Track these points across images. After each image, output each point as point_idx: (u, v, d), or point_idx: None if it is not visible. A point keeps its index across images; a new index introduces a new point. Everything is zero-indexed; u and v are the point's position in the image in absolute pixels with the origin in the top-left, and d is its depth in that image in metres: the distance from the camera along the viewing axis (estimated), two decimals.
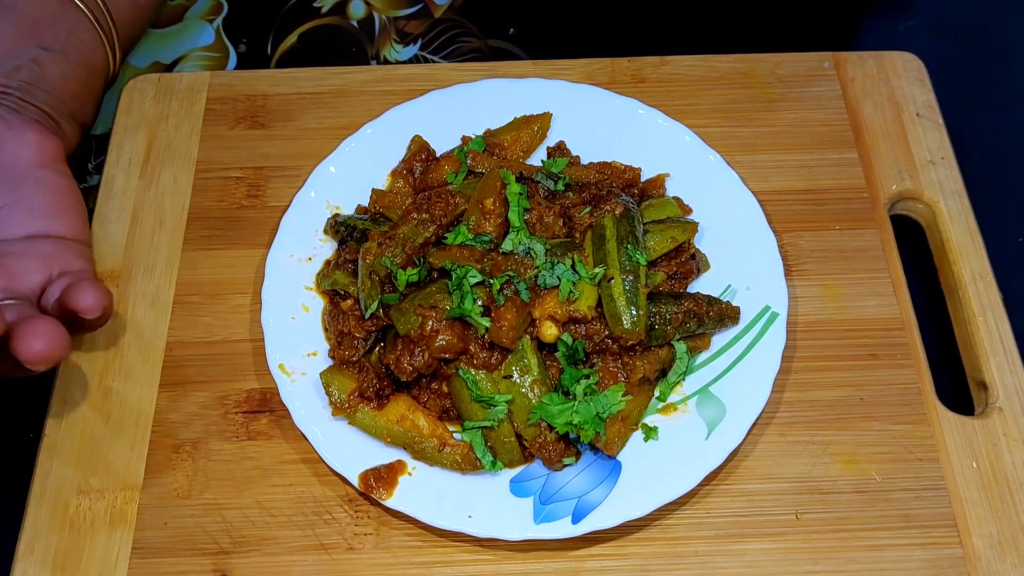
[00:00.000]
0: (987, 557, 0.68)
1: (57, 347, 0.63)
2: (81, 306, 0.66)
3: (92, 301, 0.66)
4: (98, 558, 0.68)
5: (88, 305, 0.66)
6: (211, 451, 0.72)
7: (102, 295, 0.67)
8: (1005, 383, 0.74)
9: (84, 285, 0.67)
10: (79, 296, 0.66)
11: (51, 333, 0.63)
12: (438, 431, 0.69)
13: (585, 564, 0.68)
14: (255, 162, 0.84)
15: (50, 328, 0.63)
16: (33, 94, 0.74)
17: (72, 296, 0.66)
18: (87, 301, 0.66)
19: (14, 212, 0.71)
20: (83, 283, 0.67)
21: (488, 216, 0.72)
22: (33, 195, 0.71)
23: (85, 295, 0.66)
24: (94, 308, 0.66)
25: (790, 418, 0.73)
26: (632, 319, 0.69)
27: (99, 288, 0.67)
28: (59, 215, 0.72)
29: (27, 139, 0.72)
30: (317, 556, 0.68)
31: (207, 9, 1.00)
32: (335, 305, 0.74)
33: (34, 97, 0.74)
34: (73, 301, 0.66)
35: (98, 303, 0.67)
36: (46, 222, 0.71)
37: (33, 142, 0.72)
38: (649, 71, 0.89)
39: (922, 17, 1.02)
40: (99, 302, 0.67)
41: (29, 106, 0.74)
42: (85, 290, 0.66)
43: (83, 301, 0.66)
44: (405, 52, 0.98)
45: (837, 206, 0.82)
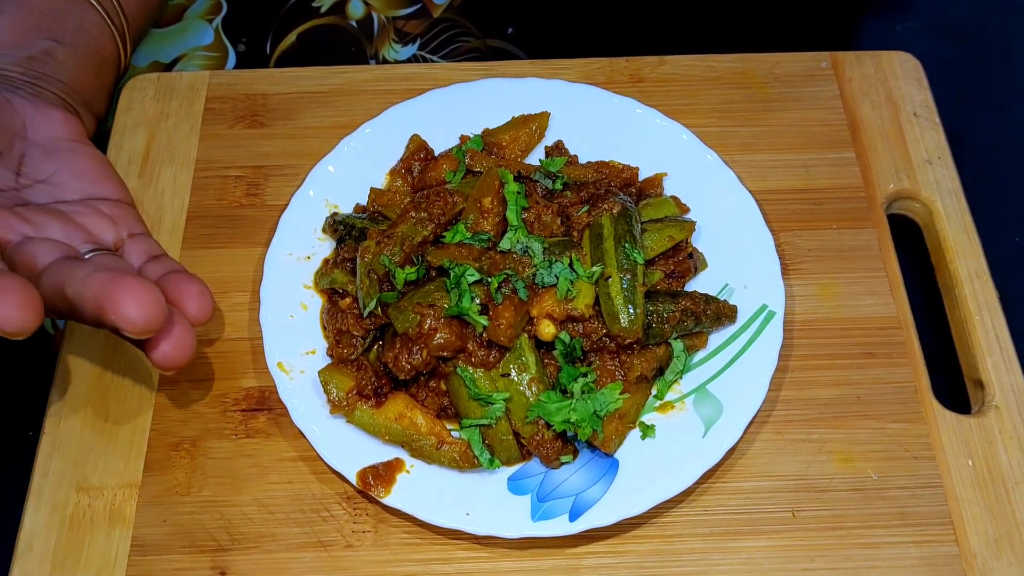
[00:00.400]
0: (983, 555, 0.68)
1: (209, 312, 0.62)
2: (191, 312, 0.63)
3: (198, 310, 0.63)
4: (97, 555, 0.68)
5: (195, 315, 0.63)
6: (210, 449, 0.72)
7: (209, 302, 0.64)
8: (1001, 382, 0.74)
9: (193, 289, 0.64)
10: (187, 300, 0.63)
11: (204, 296, 0.62)
12: (436, 429, 0.69)
13: (582, 562, 0.68)
14: (254, 161, 0.85)
15: (202, 289, 0.62)
16: (49, 83, 0.75)
17: (179, 297, 0.63)
18: (194, 310, 0.63)
19: (64, 178, 0.70)
20: (192, 284, 0.64)
21: (486, 215, 0.73)
22: (76, 163, 0.71)
23: (192, 301, 0.63)
24: (201, 317, 0.64)
25: (787, 416, 0.73)
26: (629, 317, 0.69)
27: (206, 294, 0.64)
28: (106, 180, 0.72)
29: (54, 117, 0.72)
30: (315, 553, 0.68)
31: (206, 9, 1.00)
32: (333, 303, 0.74)
33: (51, 86, 0.75)
34: (182, 304, 0.63)
35: (206, 312, 0.64)
36: (97, 186, 0.71)
37: (61, 120, 0.73)
38: (647, 71, 0.89)
39: (920, 17, 1.02)
40: (207, 310, 0.64)
41: (47, 92, 0.74)
42: (194, 296, 0.63)
43: (191, 308, 0.63)
44: (404, 52, 0.98)
45: (834, 205, 0.82)
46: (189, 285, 0.64)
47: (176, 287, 0.64)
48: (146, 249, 0.69)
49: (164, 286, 0.64)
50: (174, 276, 0.65)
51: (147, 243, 0.70)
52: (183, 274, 0.66)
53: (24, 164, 0.69)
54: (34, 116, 0.71)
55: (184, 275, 0.65)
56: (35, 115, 0.71)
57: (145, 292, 0.58)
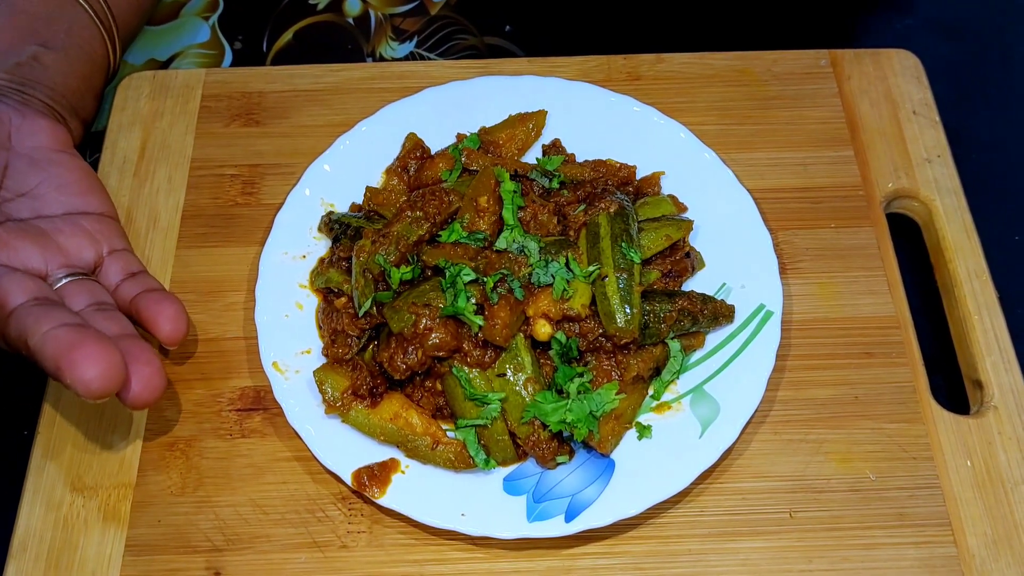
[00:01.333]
0: (981, 556, 0.68)
1: (156, 393, 0.62)
2: (162, 336, 0.65)
3: (170, 332, 0.65)
4: (91, 556, 0.68)
5: (167, 336, 0.66)
6: (205, 449, 0.71)
7: (182, 324, 0.66)
8: (1000, 382, 0.74)
9: (166, 311, 0.66)
10: (161, 322, 0.65)
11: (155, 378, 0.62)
12: (431, 429, 0.69)
13: (578, 563, 0.67)
14: (250, 160, 0.84)
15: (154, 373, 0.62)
16: (36, 90, 0.74)
17: (153, 319, 0.65)
18: (166, 331, 0.65)
19: (47, 191, 0.70)
20: (165, 306, 0.66)
21: (482, 214, 0.72)
22: (61, 175, 0.71)
23: (165, 323, 0.65)
24: (174, 339, 0.66)
25: (784, 416, 0.73)
26: (626, 317, 0.69)
27: (180, 316, 0.66)
28: (89, 193, 0.72)
29: (41, 126, 0.73)
30: (310, 554, 0.68)
31: (203, 6, 1.00)
32: (329, 303, 0.74)
33: (37, 92, 0.74)
34: (154, 326, 0.65)
35: (178, 334, 0.66)
36: (80, 199, 0.71)
37: (47, 129, 0.73)
38: (645, 69, 0.89)
39: (919, 15, 1.02)
40: (179, 332, 0.66)
41: (34, 100, 0.74)
42: (166, 318, 0.65)
43: (164, 330, 0.65)
44: (401, 49, 0.98)
45: (833, 204, 0.82)
46: (163, 307, 0.66)
47: (151, 309, 0.66)
48: (125, 266, 0.70)
49: (139, 306, 0.66)
50: (150, 296, 0.66)
51: (127, 259, 0.70)
52: (159, 293, 0.67)
53: (7, 176, 0.69)
54: (20, 125, 0.71)
55: (159, 295, 0.67)
56: (21, 124, 0.71)
57: (104, 358, 0.58)
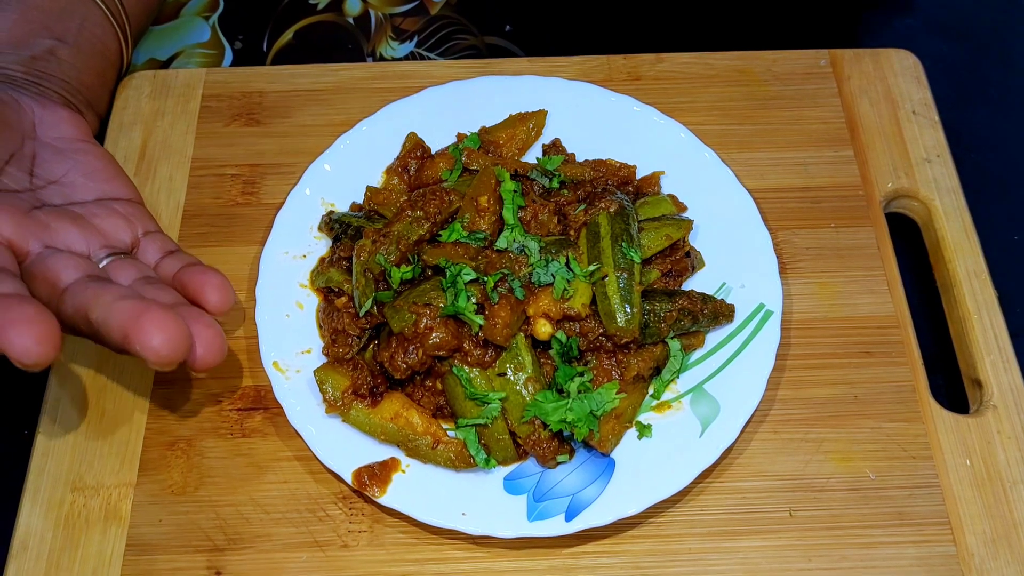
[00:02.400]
0: (980, 555, 0.68)
1: (221, 354, 0.61)
2: (212, 305, 0.64)
3: (219, 300, 0.64)
4: (93, 555, 0.68)
5: (216, 305, 0.64)
6: (205, 448, 0.72)
7: (229, 292, 0.65)
8: (999, 381, 0.74)
9: (212, 280, 0.64)
10: (208, 292, 0.64)
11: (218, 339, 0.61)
12: (432, 429, 0.69)
13: (579, 562, 0.68)
14: (250, 159, 0.84)
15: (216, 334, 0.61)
16: (52, 83, 0.75)
17: (200, 289, 0.64)
18: (215, 300, 0.64)
19: (76, 178, 0.70)
20: (210, 276, 0.65)
21: (482, 213, 0.72)
22: (87, 162, 0.71)
23: (213, 292, 0.64)
24: (222, 307, 0.64)
25: (784, 416, 0.73)
26: (626, 317, 0.69)
27: (225, 284, 0.65)
28: (116, 179, 0.72)
29: (61, 116, 0.73)
30: (311, 553, 0.68)
31: (203, 6, 1.00)
32: (329, 302, 0.74)
33: (53, 85, 0.75)
34: (202, 296, 0.64)
35: (227, 302, 0.65)
36: (108, 185, 0.71)
37: (67, 119, 0.73)
38: (645, 68, 0.89)
39: (919, 15, 1.02)
40: (227, 300, 0.65)
41: (51, 91, 0.74)
42: (213, 287, 0.64)
43: (212, 299, 0.64)
44: (401, 49, 0.98)
45: (832, 204, 0.82)
46: (208, 277, 0.65)
47: (196, 280, 0.65)
48: (161, 246, 0.69)
49: (183, 279, 0.65)
50: (192, 269, 0.66)
51: (161, 240, 0.70)
52: (201, 267, 0.66)
53: (36, 165, 0.69)
54: (43, 116, 0.71)
55: (202, 268, 0.66)
56: (43, 115, 0.71)
57: (171, 324, 0.58)
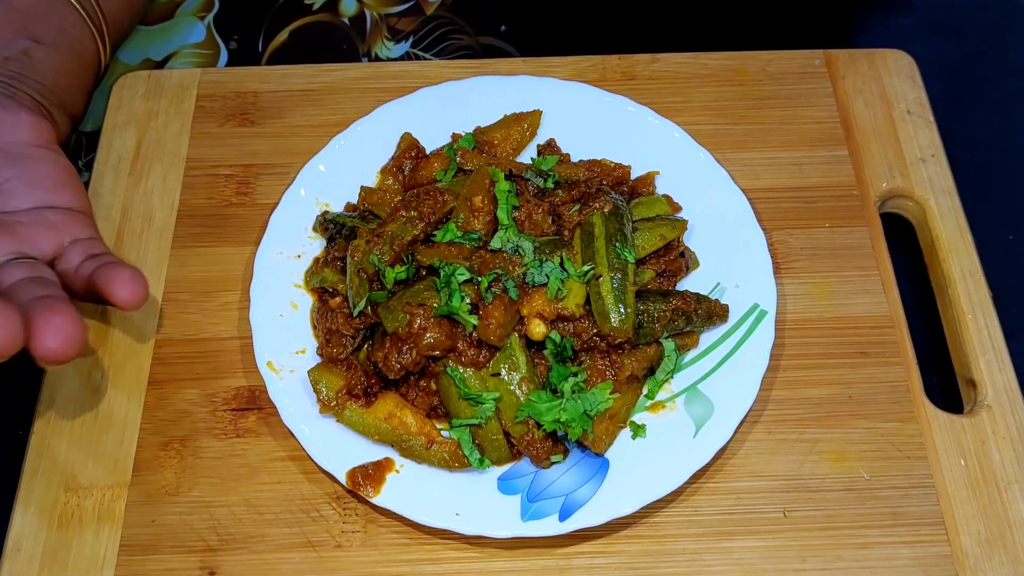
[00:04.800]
0: (975, 555, 0.68)
1: (73, 345, 0.60)
2: (119, 299, 0.64)
3: (128, 295, 0.64)
4: (86, 555, 0.68)
5: (125, 299, 0.64)
6: (199, 448, 0.71)
7: (140, 287, 0.65)
8: (994, 381, 0.74)
9: (121, 274, 0.64)
10: (116, 287, 0.64)
11: (66, 328, 0.60)
12: (426, 429, 0.69)
13: (573, 562, 0.68)
14: (245, 159, 0.84)
15: (66, 321, 0.60)
16: (25, 84, 0.74)
17: (108, 284, 0.64)
18: (123, 295, 0.64)
19: (17, 185, 0.70)
20: (120, 271, 0.64)
21: (477, 214, 0.72)
22: (35, 169, 0.71)
23: (122, 287, 0.64)
24: (132, 302, 0.64)
25: (778, 416, 0.73)
26: (620, 317, 0.69)
27: (137, 278, 0.65)
28: (62, 188, 0.72)
29: (23, 120, 0.72)
30: (305, 554, 0.68)
31: (198, 6, 1.00)
32: (323, 303, 0.74)
33: (26, 86, 0.74)
34: (109, 291, 0.64)
35: (136, 297, 0.64)
36: (50, 194, 0.71)
37: (29, 123, 0.72)
38: (639, 68, 0.89)
39: (914, 15, 1.02)
40: (137, 295, 0.64)
41: (22, 94, 0.74)
42: (121, 280, 0.64)
43: (120, 293, 0.64)
44: (396, 49, 0.98)
45: (827, 204, 0.82)
46: (117, 272, 0.64)
47: (104, 276, 0.64)
48: (86, 250, 0.69)
49: (93, 277, 0.65)
50: (104, 267, 0.65)
51: (89, 245, 0.69)
52: (113, 263, 0.66)
53: None
54: (2, 119, 0.71)
55: (114, 264, 0.66)
56: (3, 117, 0.71)
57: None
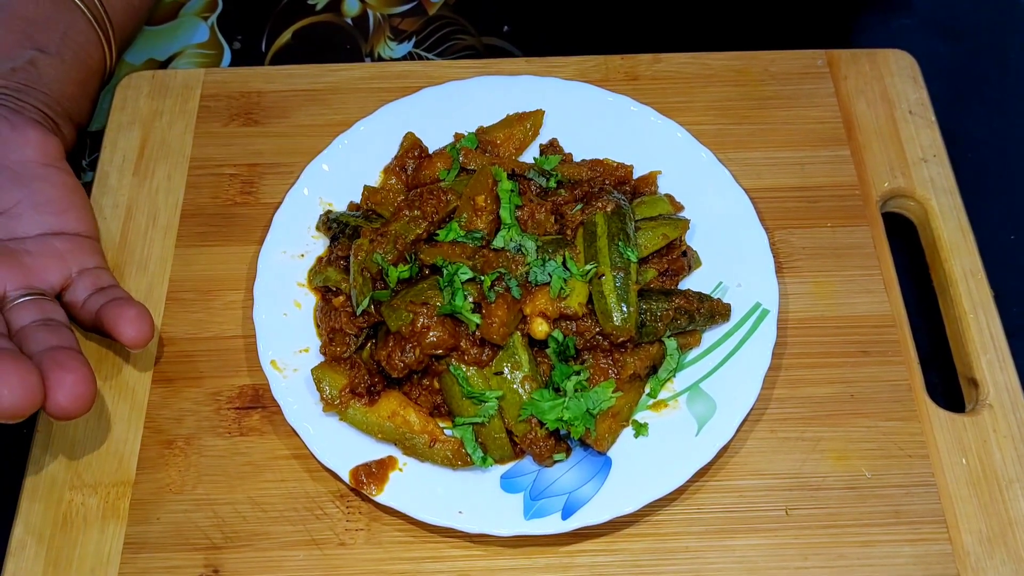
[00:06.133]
0: (976, 553, 0.68)
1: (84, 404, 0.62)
2: (126, 339, 0.66)
3: (134, 334, 0.66)
4: (91, 553, 0.68)
5: (131, 338, 0.66)
6: (203, 447, 0.72)
7: (146, 326, 0.67)
8: (996, 380, 0.74)
9: (127, 313, 0.66)
10: (122, 326, 0.66)
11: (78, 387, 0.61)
12: (429, 427, 0.69)
13: (576, 560, 0.68)
14: (248, 159, 0.85)
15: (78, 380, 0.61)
16: (31, 95, 0.74)
17: (115, 324, 0.66)
18: (129, 334, 0.66)
19: (26, 209, 0.70)
20: (126, 309, 0.66)
21: (480, 213, 0.72)
22: (43, 192, 0.71)
23: (128, 326, 0.66)
24: (138, 342, 0.67)
25: (780, 414, 0.73)
26: (623, 316, 0.69)
27: (143, 317, 0.67)
28: (69, 211, 0.72)
29: (30, 138, 0.72)
30: (308, 551, 0.68)
31: (202, 6, 1.00)
32: (327, 302, 0.74)
33: (32, 98, 0.74)
34: (116, 331, 0.66)
35: (142, 336, 0.66)
36: (58, 219, 0.71)
37: (36, 141, 0.72)
38: (642, 68, 0.89)
39: (916, 15, 1.02)
40: (143, 334, 0.66)
41: (28, 107, 0.74)
42: (128, 320, 0.66)
43: (127, 332, 0.66)
44: (399, 49, 0.98)
45: (829, 203, 0.82)
46: (124, 311, 0.66)
47: (111, 315, 0.66)
48: (94, 282, 0.70)
49: (101, 315, 0.67)
50: (111, 304, 0.67)
51: (96, 276, 0.71)
52: (120, 301, 0.68)
53: None
54: (9, 137, 0.71)
55: (121, 302, 0.68)
56: (10, 136, 0.71)
57: (16, 378, 0.58)
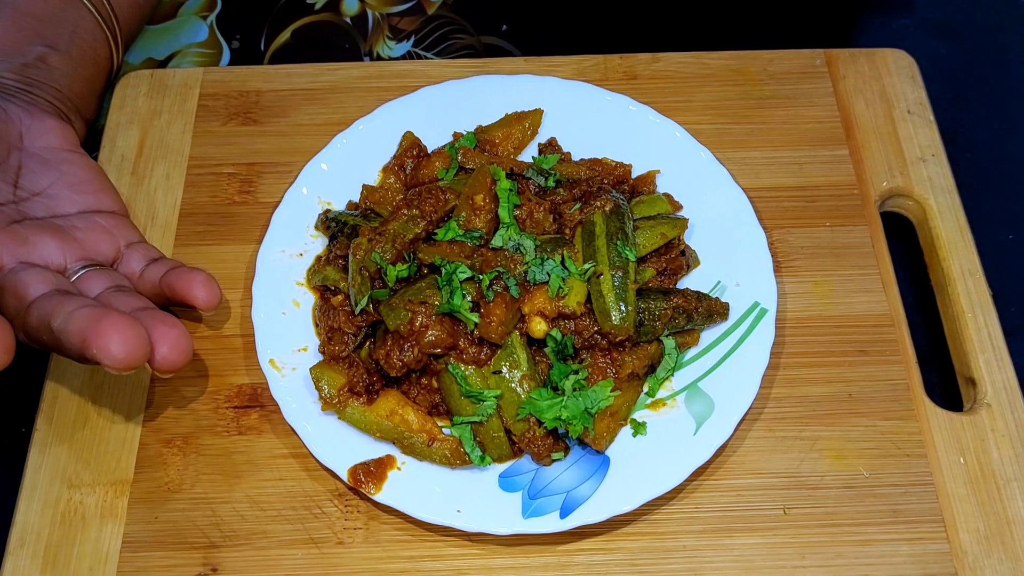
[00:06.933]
0: (973, 552, 0.68)
1: (187, 353, 0.63)
2: (200, 301, 0.67)
3: (207, 296, 0.67)
4: (89, 552, 0.68)
5: (204, 301, 0.67)
6: (202, 446, 0.72)
7: (216, 288, 0.67)
8: (993, 379, 0.74)
9: (198, 277, 0.67)
10: (196, 289, 0.66)
11: (182, 339, 0.62)
12: (427, 426, 0.69)
13: (574, 558, 0.68)
14: (247, 158, 0.85)
15: (181, 333, 0.62)
16: (43, 90, 0.75)
17: (188, 288, 0.67)
18: (203, 296, 0.67)
19: (61, 189, 0.71)
20: (196, 274, 0.67)
21: (478, 212, 0.73)
22: (73, 174, 0.72)
23: (200, 289, 0.67)
24: (212, 304, 0.67)
25: (779, 414, 0.73)
26: (621, 315, 0.69)
27: (212, 281, 0.67)
28: (102, 191, 0.73)
29: (49, 126, 0.73)
30: (307, 550, 0.68)
31: (201, 5, 1.00)
32: (325, 301, 0.74)
33: (44, 93, 0.75)
34: (190, 295, 0.67)
35: (214, 297, 0.67)
36: (94, 198, 0.72)
37: (56, 129, 0.73)
38: (641, 68, 0.89)
39: (915, 15, 1.02)
40: (215, 295, 0.67)
41: (41, 100, 0.74)
42: (200, 284, 0.67)
43: (200, 295, 0.67)
44: (398, 48, 0.98)
45: (828, 203, 0.82)
46: (194, 276, 0.67)
47: (183, 280, 0.67)
48: (145, 254, 0.71)
49: (170, 282, 0.68)
50: (177, 271, 0.68)
51: (145, 249, 0.71)
52: (185, 268, 0.68)
53: (21, 176, 0.70)
54: (30, 126, 0.72)
55: (187, 268, 0.68)
56: (31, 124, 0.72)
57: (127, 328, 0.59)
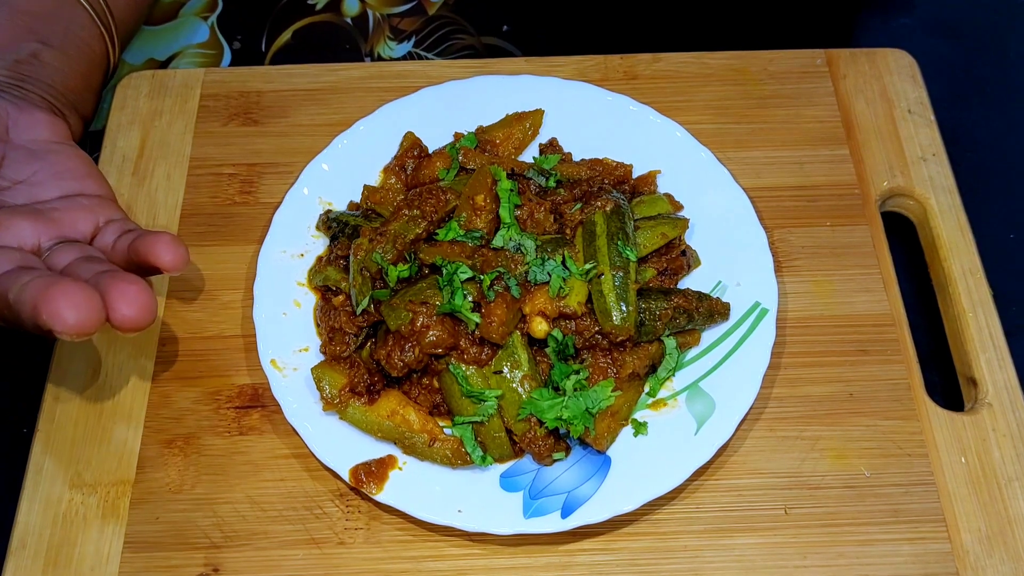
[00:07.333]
0: (975, 552, 0.68)
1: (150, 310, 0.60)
2: (164, 262, 0.64)
3: (172, 256, 0.64)
4: (90, 552, 0.68)
5: (169, 261, 0.64)
6: (203, 446, 0.72)
7: (181, 248, 0.65)
8: (995, 379, 0.74)
9: (163, 239, 0.64)
10: (160, 250, 0.64)
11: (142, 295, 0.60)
12: (428, 426, 0.69)
13: (575, 558, 0.68)
14: (248, 159, 0.85)
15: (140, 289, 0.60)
16: (36, 86, 0.75)
17: (151, 249, 0.64)
18: (167, 257, 0.64)
19: (45, 177, 0.71)
20: (160, 236, 0.65)
21: (479, 212, 0.73)
22: (59, 163, 0.72)
23: (165, 250, 0.64)
24: (177, 264, 0.64)
25: (779, 413, 0.73)
26: (622, 315, 0.69)
27: (177, 241, 0.65)
28: (87, 178, 0.72)
29: (38, 119, 0.73)
30: (308, 550, 0.68)
31: (202, 6, 1.00)
32: (327, 301, 0.75)
33: (37, 89, 0.75)
34: (154, 255, 0.64)
35: (180, 257, 0.64)
36: (78, 183, 0.71)
37: (45, 122, 0.73)
38: (642, 68, 0.89)
39: (916, 14, 1.02)
40: (180, 256, 0.64)
41: (33, 95, 0.74)
42: (164, 244, 0.64)
43: (164, 256, 0.64)
44: (399, 49, 0.98)
45: (828, 202, 0.82)
46: (158, 238, 0.64)
47: (145, 244, 0.64)
48: (120, 227, 0.69)
49: (134, 247, 0.65)
50: (142, 236, 0.65)
51: (122, 223, 0.69)
52: (151, 232, 0.66)
53: (4, 166, 0.70)
54: (18, 119, 0.72)
55: (151, 232, 0.66)
56: (19, 118, 0.72)
57: (78, 293, 0.57)
